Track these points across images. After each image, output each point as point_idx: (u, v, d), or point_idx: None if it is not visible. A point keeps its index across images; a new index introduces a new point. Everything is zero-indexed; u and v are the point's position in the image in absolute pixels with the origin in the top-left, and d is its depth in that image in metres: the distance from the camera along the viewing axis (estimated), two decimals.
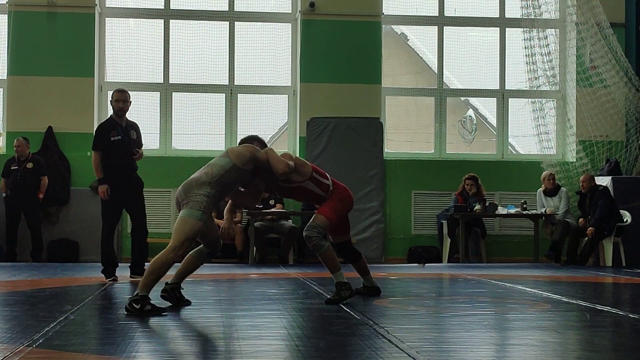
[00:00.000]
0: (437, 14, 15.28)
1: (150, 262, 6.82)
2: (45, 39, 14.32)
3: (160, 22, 14.89)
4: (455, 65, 15.64)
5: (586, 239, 13.44)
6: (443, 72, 15.37)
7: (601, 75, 14.72)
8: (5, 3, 14.40)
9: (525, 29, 14.86)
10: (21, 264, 12.84)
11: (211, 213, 6.98)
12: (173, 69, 14.86)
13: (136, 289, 6.76)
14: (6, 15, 14.32)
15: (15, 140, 13.54)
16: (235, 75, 14.92)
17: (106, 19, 14.79)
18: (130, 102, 10.00)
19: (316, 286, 9.04)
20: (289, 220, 13.91)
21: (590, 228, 13.28)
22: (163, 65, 14.81)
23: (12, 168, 13.49)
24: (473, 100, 15.94)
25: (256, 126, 15.12)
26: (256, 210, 13.47)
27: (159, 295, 7.15)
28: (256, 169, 7.26)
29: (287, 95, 15.01)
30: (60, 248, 13.91)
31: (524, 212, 13.94)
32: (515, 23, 15.18)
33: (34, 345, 5.07)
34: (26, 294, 8.34)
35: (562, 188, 14.10)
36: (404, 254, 14.69)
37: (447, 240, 14.03)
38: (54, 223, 14.04)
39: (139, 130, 10.16)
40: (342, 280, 7.47)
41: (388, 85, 15.19)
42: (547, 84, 14.98)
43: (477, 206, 13.81)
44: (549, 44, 14.90)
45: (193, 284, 9.76)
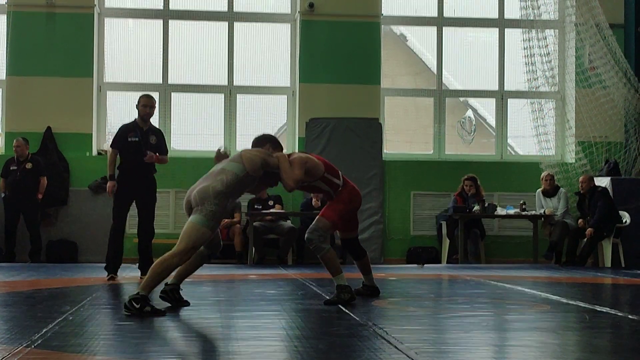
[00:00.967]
0: (436, 15, 15.29)
1: (154, 263, 6.81)
2: (44, 39, 14.32)
3: (159, 23, 14.88)
4: (455, 66, 15.65)
5: (585, 239, 13.44)
6: (442, 73, 15.37)
7: (600, 76, 14.72)
8: (4, 3, 14.40)
9: (524, 29, 14.86)
10: (20, 264, 12.83)
11: (219, 222, 6.98)
12: (172, 70, 14.85)
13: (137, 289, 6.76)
14: (5, 15, 14.31)
15: (14, 141, 13.54)
16: (235, 75, 14.92)
17: (105, 19, 14.78)
18: (155, 108, 10.21)
19: (315, 287, 9.04)
20: (288, 220, 13.91)
21: (589, 229, 13.28)
22: (162, 65, 14.81)
23: (11, 168, 13.49)
24: (472, 101, 15.94)
25: (255, 127, 15.10)
26: (255, 211, 13.48)
27: (157, 296, 7.15)
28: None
29: (286, 96, 15.01)
30: (59, 248, 13.91)
31: (523, 213, 13.94)
32: (515, 24, 15.18)
33: (33, 346, 5.06)
34: (25, 295, 8.33)
35: (561, 189, 14.11)
36: (403, 255, 14.69)
37: (446, 241, 14.03)
38: (53, 223, 14.04)
39: (162, 136, 10.36)
40: (343, 283, 7.47)
41: (387, 86, 15.19)
42: (546, 84, 14.98)
43: (476, 207, 13.81)
44: (548, 45, 14.90)
45: (192, 285, 9.76)
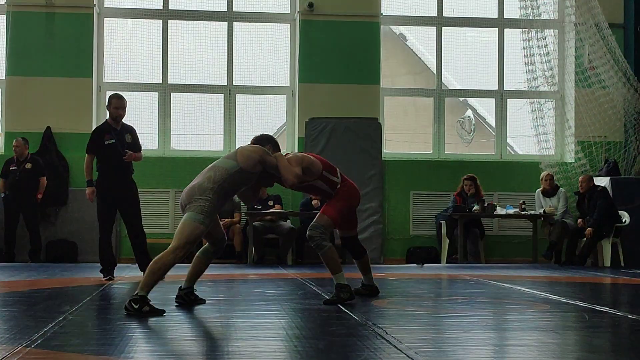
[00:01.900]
0: (436, 15, 15.28)
1: (150, 263, 6.81)
2: (43, 39, 14.31)
3: (158, 23, 14.88)
4: (454, 66, 15.64)
5: (585, 239, 13.45)
6: (442, 73, 15.37)
7: (600, 76, 14.72)
8: (3, 3, 14.39)
9: (523, 29, 14.86)
10: (19, 264, 12.84)
11: (214, 216, 6.97)
12: (171, 70, 14.85)
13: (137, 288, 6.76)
14: (4, 15, 14.31)
15: (14, 141, 13.54)
16: (234, 75, 14.91)
17: (105, 19, 14.78)
18: (126, 108, 10.12)
19: (315, 287, 9.04)
20: (288, 220, 13.91)
21: (588, 228, 13.29)
22: (161, 65, 14.80)
23: (11, 168, 13.49)
24: (472, 100, 15.94)
25: (255, 127, 15.08)
26: (255, 211, 13.48)
27: (155, 296, 7.15)
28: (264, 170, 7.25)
29: (286, 96, 15.00)
30: (58, 248, 13.90)
31: (523, 213, 13.94)
32: (514, 24, 15.18)
33: (33, 346, 5.06)
34: (24, 295, 8.34)
35: (561, 189, 14.12)
36: (402, 255, 14.69)
37: (446, 240, 14.03)
38: (53, 223, 14.04)
39: (135, 133, 10.24)
40: (343, 282, 7.46)
41: (386, 86, 15.19)
42: (546, 84, 14.98)
43: (476, 207, 13.81)
44: (547, 45, 14.90)
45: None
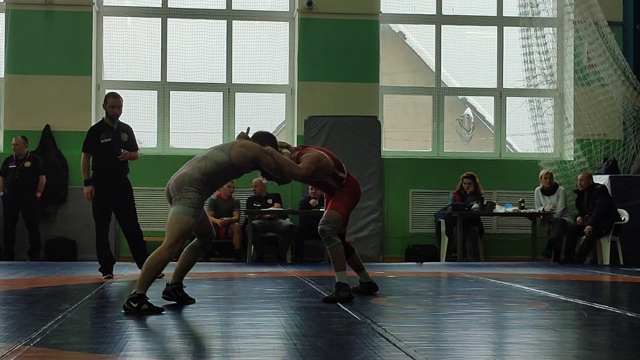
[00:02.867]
0: (435, 13, 15.28)
1: (146, 260, 6.80)
2: (42, 37, 14.30)
3: (157, 21, 14.87)
4: (453, 64, 15.64)
5: (584, 237, 13.45)
6: (441, 71, 15.37)
7: (599, 74, 14.73)
8: (2, 2, 14.38)
9: (523, 27, 14.87)
10: (19, 262, 12.84)
11: (202, 207, 6.95)
12: (171, 68, 14.84)
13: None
14: (4, 13, 14.30)
15: (13, 139, 13.54)
16: (233, 73, 14.91)
17: (104, 17, 14.77)
18: (122, 107, 10.10)
19: (314, 285, 9.04)
20: (287, 219, 13.91)
21: (587, 226, 13.29)
22: (161, 63, 14.79)
23: (10, 167, 13.49)
24: (471, 98, 15.94)
25: (254, 125, 15.02)
26: (254, 209, 13.48)
27: (156, 295, 7.15)
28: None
29: (285, 94, 15.00)
30: (57, 247, 13.90)
31: (522, 211, 13.95)
32: (513, 22, 15.18)
33: (32, 344, 5.06)
34: (24, 293, 8.34)
35: (560, 187, 14.12)
36: (401, 253, 14.69)
37: (445, 238, 14.03)
38: (52, 222, 14.03)
39: (132, 132, 10.21)
40: (344, 281, 7.47)
41: (386, 84, 15.19)
42: (545, 82, 14.99)
43: (475, 205, 13.81)
44: (546, 43, 14.91)
45: (191, 283, 9.76)
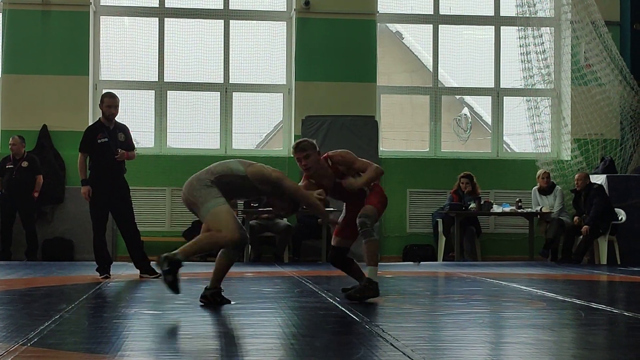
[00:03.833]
0: (432, 12, 15.27)
1: (203, 236, 6.88)
2: (39, 37, 14.29)
3: (155, 21, 14.86)
4: (451, 64, 15.64)
5: (581, 237, 13.46)
6: (438, 71, 15.37)
7: (596, 74, 14.73)
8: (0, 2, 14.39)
9: (520, 27, 14.87)
10: (16, 262, 12.83)
11: (224, 197, 6.85)
12: (168, 67, 14.83)
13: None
14: (1, 13, 14.29)
15: (10, 139, 13.52)
16: (231, 73, 14.90)
17: (101, 17, 14.76)
18: (119, 107, 10.13)
19: (311, 284, 9.04)
20: (284, 219, 13.90)
21: (585, 226, 13.30)
22: (158, 63, 14.78)
23: (7, 167, 13.47)
24: (468, 98, 15.94)
25: (251, 125, 15.14)
26: (251, 209, 13.47)
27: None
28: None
29: (282, 94, 14.99)
30: (55, 247, 13.88)
31: (519, 211, 13.95)
32: (510, 21, 15.18)
33: (29, 344, 5.05)
34: (21, 293, 8.33)
35: (557, 186, 14.12)
36: (399, 253, 14.69)
37: (442, 238, 14.03)
38: (49, 222, 14.02)
39: (129, 132, 10.25)
40: (375, 279, 7.35)
41: (383, 84, 15.19)
42: (542, 82, 14.99)
43: (472, 204, 13.81)
44: (543, 42, 14.91)
45: (188, 282, 9.76)
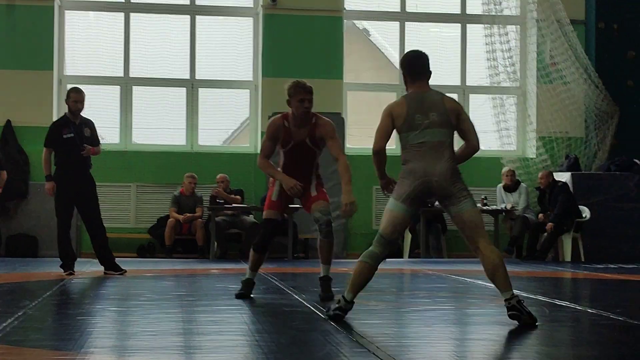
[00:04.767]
0: (399, 10, 15.30)
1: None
2: (3, 31, 14.14)
3: (120, 16, 14.75)
4: None
5: (545, 234, 13.55)
6: None
7: (561, 72, 14.83)
8: None
9: (486, 25, 14.93)
10: None
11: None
12: (133, 63, 14.72)
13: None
14: None
15: None
16: (197, 69, 14.83)
17: (65, 11, 14.63)
18: (84, 102, 10.07)
19: (277, 281, 9.03)
20: (250, 215, 13.88)
21: (549, 223, 13.39)
22: (123, 58, 14.67)
23: None
24: None
25: (217, 121, 15.08)
26: (217, 205, 13.43)
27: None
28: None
29: (249, 90, 14.95)
30: (18, 243, 13.75)
31: (484, 208, 14.00)
32: (476, 19, 15.24)
33: None
34: None
35: (522, 184, 14.21)
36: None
37: (408, 235, 14.07)
38: (12, 218, 13.89)
39: (94, 127, 10.22)
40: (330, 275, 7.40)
41: (350, 81, 15.20)
42: (508, 80, 15.07)
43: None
44: (509, 41, 14.98)
45: (153, 280, 9.74)
